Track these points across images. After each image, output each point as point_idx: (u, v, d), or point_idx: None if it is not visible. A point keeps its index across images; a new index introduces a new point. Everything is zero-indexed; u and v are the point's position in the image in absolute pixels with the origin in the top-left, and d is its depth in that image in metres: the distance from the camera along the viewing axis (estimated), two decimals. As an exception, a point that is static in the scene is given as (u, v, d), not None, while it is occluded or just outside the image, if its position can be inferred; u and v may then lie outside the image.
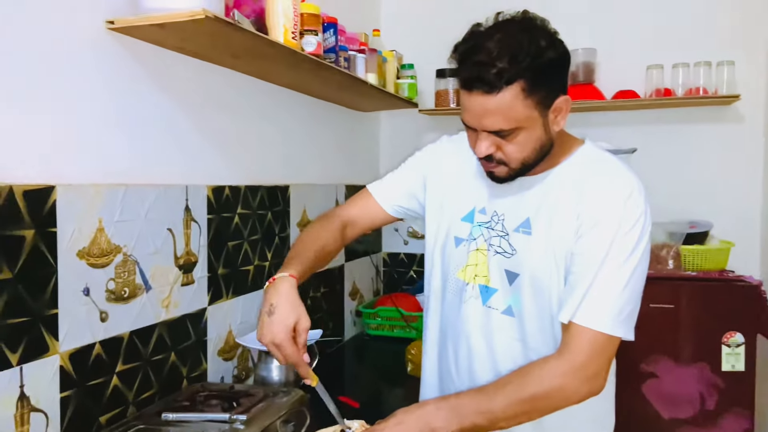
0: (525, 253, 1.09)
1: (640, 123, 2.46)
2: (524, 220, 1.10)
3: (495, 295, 1.13)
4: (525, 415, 1.02)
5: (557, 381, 1.01)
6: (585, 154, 1.11)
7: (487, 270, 1.13)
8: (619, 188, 1.04)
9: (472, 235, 1.16)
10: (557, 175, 1.10)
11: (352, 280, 2.52)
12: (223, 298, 1.67)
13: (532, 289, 1.08)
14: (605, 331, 1.00)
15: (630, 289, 1.02)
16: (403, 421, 1.02)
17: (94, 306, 1.24)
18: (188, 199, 1.52)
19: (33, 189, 1.11)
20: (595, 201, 1.03)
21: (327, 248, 1.22)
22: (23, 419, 1.09)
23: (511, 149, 1.03)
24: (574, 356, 1.01)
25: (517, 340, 1.11)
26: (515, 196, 1.12)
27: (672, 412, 2.01)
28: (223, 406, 1.33)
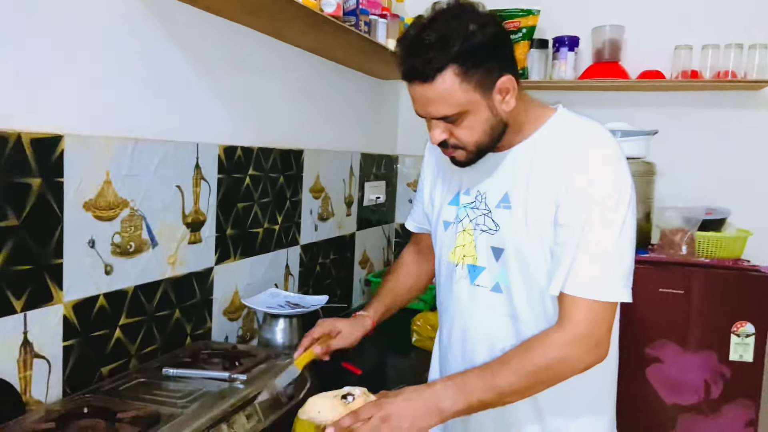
0: (507, 227, 1.09)
1: (663, 105, 2.39)
2: (503, 195, 1.10)
3: (482, 273, 1.13)
4: (531, 388, 1.01)
5: (560, 352, 1.00)
6: (558, 121, 1.10)
7: (474, 249, 1.14)
8: (592, 149, 1.03)
9: (458, 217, 1.18)
10: (530, 145, 1.09)
11: (363, 248, 2.52)
12: (230, 258, 1.67)
13: (518, 263, 1.08)
14: (599, 298, 0.99)
15: (618, 251, 1.00)
16: (410, 399, 1.01)
17: (99, 258, 1.25)
18: (199, 158, 1.51)
19: (41, 137, 1.11)
20: (568, 166, 1.02)
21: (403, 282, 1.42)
22: (26, 365, 1.11)
23: (462, 134, 1.04)
24: (574, 327, 1.00)
25: (507, 316, 1.10)
26: (493, 174, 1.13)
27: (675, 399, 1.99)
28: (224, 365, 1.34)
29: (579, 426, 1.11)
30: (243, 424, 1.16)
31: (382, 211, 2.69)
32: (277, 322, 1.68)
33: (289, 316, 1.68)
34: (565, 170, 1.02)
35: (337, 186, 2.26)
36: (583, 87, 2.31)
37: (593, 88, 2.34)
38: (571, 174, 1.02)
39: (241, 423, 1.16)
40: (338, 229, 2.30)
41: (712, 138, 2.35)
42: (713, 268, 1.98)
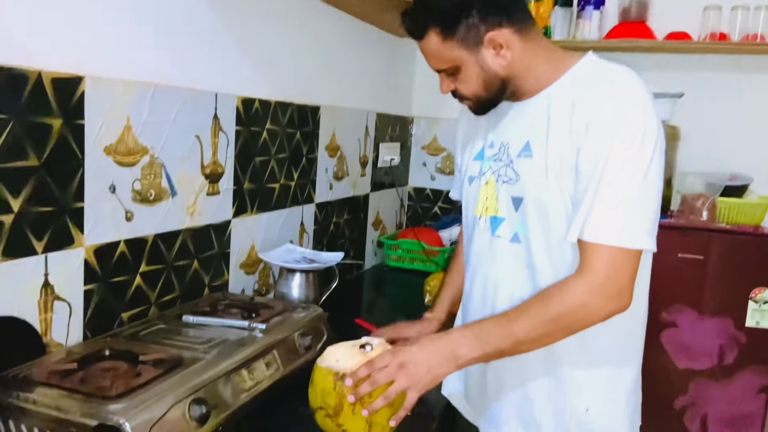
0: (527, 176, 1.07)
1: (689, 68, 2.34)
2: (525, 144, 1.07)
3: (503, 224, 1.12)
4: (549, 336, 1.00)
5: (579, 299, 0.98)
6: (583, 67, 1.06)
7: (496, 201, 1.13)
8: (616, 91, 0.98)
9: (482, 170, 1.17)
10: (553, 92, 1.06)
11: (377, 210, 2.51)
12: (247, 212, 1.66)
13: (537, 212, 1.05)
14: (619, 244, 0.95)
15: (642, 195, 0.96)
16: (426, 346, 1.01)
17: (119, 204, 1.24)
18: (217, 108, 1.49)
19: (62, 77, 1.09)
20: (590, 107, 0.98)
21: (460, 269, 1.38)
22: (47, 306, 1.11)
23: (460, 87, 1.09)
24: (593, 274, 0.97)
25: (525, 267, 1.09)
26: (516, 123, 1.11)
27: (687, 363, 2.00)
28: (242, 315, 1.35)
29: (600, 377, 1.10)
30: (263, 370, 1.17)
31: (396, 173, 2.67)
32: (294, 277, 1.68)
33: (306, 271, 1.67)
34: (586, 112, 0.98)
35: (352, 145, 2.23)
36: (608, 48, 2.25)
37: (618, 48, 2.28)
38: (593, 115, 0.97)
39: (261, 370, 1.17)
40: (352, 189, 2.28)
41: (737, 103, 2.30)
42: (733, 234, 1.96)
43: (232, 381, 1.08)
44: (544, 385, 1.10)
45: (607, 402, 1.10)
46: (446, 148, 2.75)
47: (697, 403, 1.99)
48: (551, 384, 1.10)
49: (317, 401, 1.04)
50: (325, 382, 1.03)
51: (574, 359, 1.08)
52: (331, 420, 1.02)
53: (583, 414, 1.08)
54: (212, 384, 1.03)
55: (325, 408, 1.02)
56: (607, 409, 1.10)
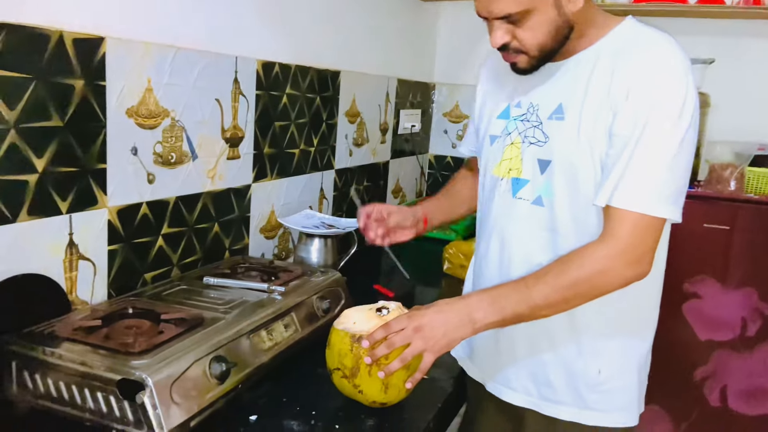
0: (557, 138, 1.04)
1: (721, 34, 2.26)
2: (557, 106, 1.04)
3: (526, 186, 1.09)
4: (566, 302, 1.00)
5: (599, 264, 0.97)
6: (624, 30, 1.03)
7: (520, 162, 1.10)
8: (656, 59, 0.96)
9: (507, 130, 1.13)
10: (591, 54, 1.03)
11: (396, 177, 2.50)
12: (267, 177, 1.67)
13: (564, 176, 1.03)
14: (647, 212, 0.95)
15: (674, 167, 0.95)
16: (443, 310, 1.01)
17: (141, 166, 1.25)
18: (237, 72, 1.49)
19: (83, 38, 1.09)
20: (630, 74, 0.96)
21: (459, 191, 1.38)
22: (72, 265, 1.14)
23: (525, 35, 0.99)
24: (615, 240, 0.96)
25: (546, 230, 1.07)
26: (548, 84, 1.07)
27: (709, 335, 1.98)
28: (262, 278, 1.36)
29: (616, 348, 1.10)
30: (281, 332, 1.18)
31: (416, 140, 2.65)
32: (313, 242, 1.69)
33: (325, 236, 1.68)
34: (627, 77, 0.96)
35: (372, 112, 2.22)
36: (639, 12, 2.18)
37: (649, 13, 2.21)
38: (634, 81, 0.96)
39: (280, 331, 1.18)
40: (372, 155, 2.27)
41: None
42: (761, 205, 1.92)
43: (252, 341, 1.10)
44: (559, 349, 1.10)
45: (620, 366, 1.11)
46: (468, 115, 2.72)
47: (717, 374, 1.98)
48: (566, 347, 1.10)
49: (334, 362, 1.05)
50: (341, 343, 1.04)
51: (591, 325, 1.07)
52: (347, 381, 1.03)
53: (595, 375, 1.08)
54: (232, 343, 1.05)
55: (341, 369, 1.04)
56: (619, 372, 1.10)
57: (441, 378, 1.23)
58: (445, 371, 1.25)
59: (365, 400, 1.05)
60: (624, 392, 1.11)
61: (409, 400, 1.09)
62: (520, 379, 1.14)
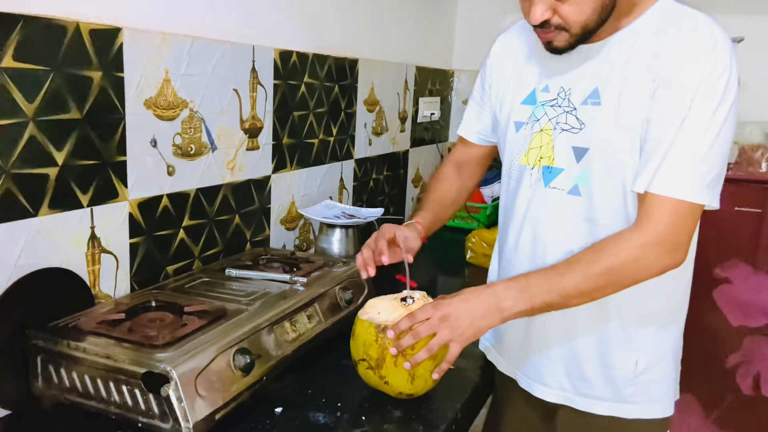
0: (594, 125, 0.99)
1: (752, 11, 2.19)
2: (593, 91, 1.00)
3: (560, 175, 1.04)
4: (599, 290, 0.96)
5: (634, 252, 0.93)
6: (661, 10, 0.98)
7: (552, 150, 1.05)
8: (699, 40, 0.91)
9: (535, 116, 1.08)
10: (627, 35, 0.98)
11: (416, 166, 2.47)
12: (287, 168, 1.65)
13: (603, 163, 0.99)
14: (687, 198, 0.91)
15: (715, 152, 0.91)
16: (469, 299, 0.98)
17: (161, 158, 1.24)
18: (255, 61, 1.47)
19: (100, 28, 1.08)
20: (672, 56, 0.92)
21: (447, 194, 1.30)
22: (94, 259, 1.13)
23: (568, 11, 0.93)
24: (652, 227, 0.92)
25: (584, 221, 1.03)
26: (581, 67, 1.02)
27: (741, 320, 1.93)
28: (284, 269, 1.35)
29: (651, 337, 1.06)
30: (305, 323, 1.17)
31: (436, 128, 2.61)
32: (334, 232, 1.67)
33: (346, 226, 1.67)
34: (669, 59, 0.92)
35: (391, 100, 2.19)
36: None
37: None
38: (677, 64, 0.91)
39: (303, 322, 1.17)
40: (392, 145, 2.25)
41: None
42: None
43: (275, 332, 1.09)
44: (593, 340, 1.07)
45: (656, 355, 1.07)
46: (488, 102, 2.67)
47: (750, 360, 1.93)
48: (600, 338, 1.06)
49: (359, 353, 1.04)
50: (366, 334, 1.02)
51: (626, 314, 1.04)
52: (373, 372, 1.02)
53: (632, 368, 1.05)
54: (256, 335, 1.04)
55: (367, 360, 1.02)
56: (655, 362, 1.07)
57: (468, 368, 1.21)
58: (472, 361, 1.23)
59: (391, 391, 1.03)
60: (661, 383, 1.08)
61: (435, 391, 1.07)
62: (553, 374, 1.11)
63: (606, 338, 1.06)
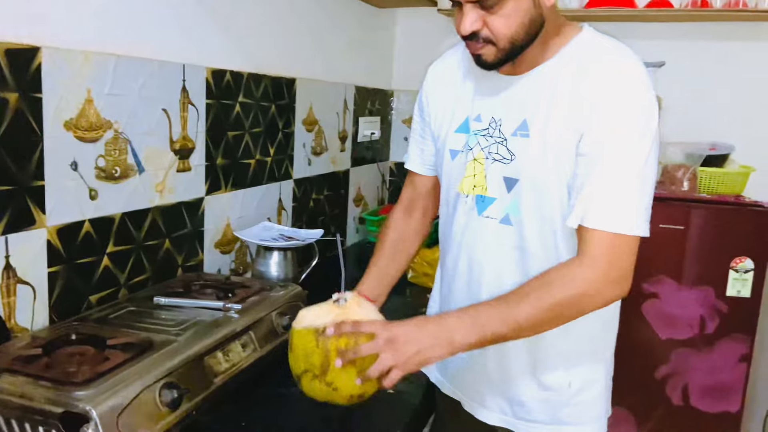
0: (523, 157, 1.01)
1: (671, 37, 2.31)
2: (521, 123, 1.01)
3: (492, 204, 1.06)
4: (549, 322, 0.96)
5: (582, 288, 0.94)
6: (584, 41, 1.01)
7: (485, 179, 1.06)
8: (622, 75, 0.94)
9: (468, 145, 1.08)
10: (553, 67, 1.00)
11: (357, 186, 2.47)
12: (221, 189, 1.61)
13: (532, 194, 1.01)
14: (622, 231, 0.93)
15: (641, 182, 0.94)
16: (420, 327, 0.97)
17: (82, 182, 1.18)
18: (185, 80, 1.43)
19: (16, 48, 1.02)
20: (595, 92, 0.94)
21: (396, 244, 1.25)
22: (9, 290, 1.06)
23: (497, 24, 0.94)
24: (596, 262, 0.94)
25: (515, 249, 1.05)
26: (510, 98, 1.04)
27: (669, 334, 2.00)
28: (217, 295, 1.31)
29: (582, 357, 1.08)
30: (239, 352, 1.13)
31: (376, 147, 2.62)
32: (272, 255, 1.64)
33: (284, 249, 1.63)
34: (591, 96, 0.94)
35: (330, 119, 2.18)
36: (589, 17, 2.21)
37: (599, 18, 2.24)
38: (598, 100, 0.94)
39: (237, 351, 1.13)
40: (332, 164, 2.23)
41: (718, 72, 2.27)
42: (714, 204, 1.95)
43: (206, 363, 1.05)
44: (527, 362, 1.08)
45: (588, 375, 1.09)
46: (426, 121, 2.70)
47: (678, 372, 2.00)
48: (535, 361, 1.08)
49: (300, 366, 0.99)
50: (305, 342, 0.97)
51: (557, 335, 1.05)
52: (318, 381, 0.97)
53: (566, 389, 1.07)
54: (184, 367, 0.99)
55: (310, 370, 0.97)
56: (589, 382, 1.09)
57: (409, 391, 1.20)
58: (413, 386, 1.22)
59: (341, 397, 0.98)
60: (595, 402, 1.10)
61: (375, 416, 1.06)
62: (494, 398, 1.12)
63: (540, 360, 1.07)
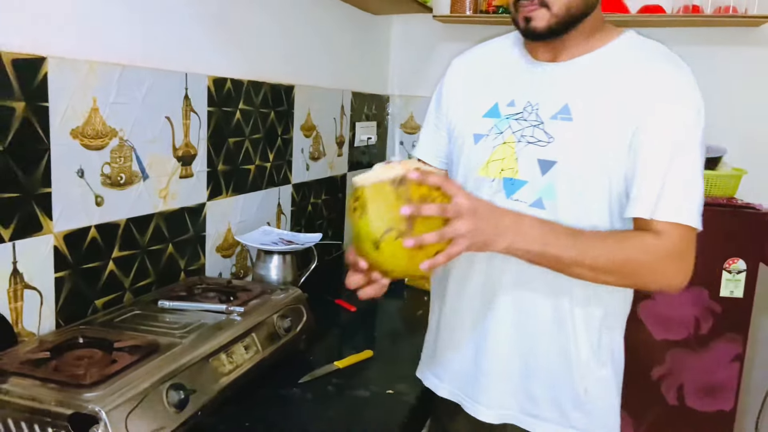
0: (564, 140, 1.01)
1: (663, 42, 2.33)
2: (562, 107, 1.02)
3: (523, 187, 1.03)
4: (610, 275, 0.96)
5: (659, 258, 0.95)
6: (632, 39, 1.05)
7: (516, 162, 1.04)
8: (681, 73, 0.99)
9: (498, 129, 1.07)
10: (598, 58, 1.03)
11: (354, 190, 2.49)
12: (222, 194, 1.63)
13: (570, 178, 1.00)
14: (692, 224, 0.95)
15: (701, 177, 0.97)
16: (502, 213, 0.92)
17: (88, 189, 1.20)
18: (188, 88, 1.45)
19: (23, 58, 1.04)
20: (652, 88, 0.97)
21: None
22: (17, 295, 1.08)
23: None
24: (672, 244, 0.95)
25: None
26: (550, 83, 1.04)
27: (664, 334, 2.03)
28: (220, 299, 1.33)
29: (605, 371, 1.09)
30: (242, 354, 1.16)
31: (373, 152, 2.64)
32: (272, 259, 1.66)
33: (284, 252, 1.66)
34: (649, 92, 0.97)
35: (328, 125, 2.21)
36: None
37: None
38: (658, 97, 0.97)
39: (240, 353, 1.15)
40: (330, 169, 2.26)
41: (709, 75, 2.29)
42: (707, 206, 1.97)
43: (211, 365, 1.07)
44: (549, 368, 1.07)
45: (605, 387, 1.09)
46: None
47: (673, 372, 2.03)
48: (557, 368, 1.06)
49: (380, 226, 0.83)
50: (384, 195, 0.84)
51: (583, 338, 1.05)
52: (402, 240, 0.84)
53: (582, 394, 1.07)
54: (190, 369, 1.02)
55: (394, 227, 0.83)
56: (605, 393, 1.09)
57: (404, 392, 1.22)
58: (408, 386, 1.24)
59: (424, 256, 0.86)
60: (608, 411, 1.10)
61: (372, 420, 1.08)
62: (504, 396, 1.10)
63: (563, 368, 1.07)
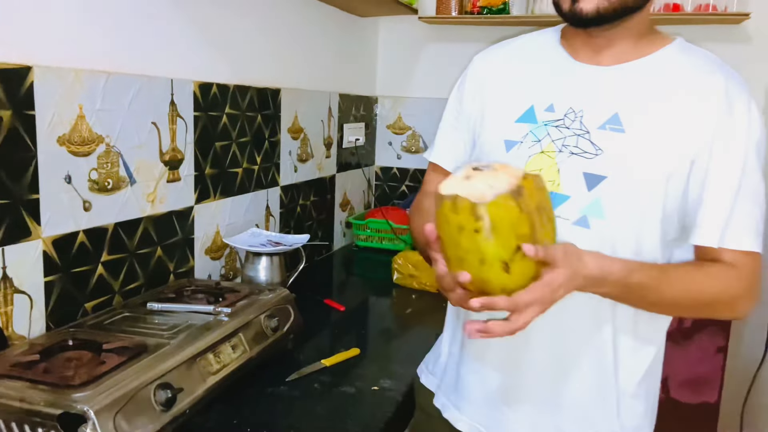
0: (615, 152, 0.92)
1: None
2: (612, 116, 0.93)
3: (565, 203, 0.93)
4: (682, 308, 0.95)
5: (730, 291, 0.92)
6: (684, 46, 0.97)
7: (557, 174, 0.94)
8: (743, 88, 0.94)
9: (535, 136, 0.97)
10: (653, 64, 0.94)
11: (344, 191, 2.52)
12: (210, 198, 1.66)
13: (621, 196, 0.91)
14: (759, 250, 0.92)
15: (764, 199, 0.94)
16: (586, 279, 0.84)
17: (76, 194, 1.23)
18: (173, 94, 1.48)
19: (8, 68, 1.07)
20: (724, 103, 0.91)
21: None
22: (6, 300, 1.10)
23: None
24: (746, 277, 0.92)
25: None
26: (595, 88, 0.95)
27: (649, 328, 2.06)
28: (208, 300, 1.35)
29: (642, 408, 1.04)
30: (229, 353, 1.18)
31: (362, 153, 2.67)
32: (260, 261, 1.68)
33: (272, 254, 1.68)
34: (712, 108, 0.91)
35: (315, 127, 2.23)
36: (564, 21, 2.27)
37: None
38: (724, 114, 0.91)
39: (227, 353, 1.18)
40: (318, 170, 2.28)
41: (691, 74, 2.34)
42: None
43: (198, 365, 1.10)
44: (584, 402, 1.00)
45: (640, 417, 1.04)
46: (411, 126, 2.76)
47: (658, 365, 2.07)
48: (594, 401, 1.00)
49: (511, 244, 0.76)
50: (509, 212, 0.75)
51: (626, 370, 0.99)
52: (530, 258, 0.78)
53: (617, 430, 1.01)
54: (177, 368, 1.04)
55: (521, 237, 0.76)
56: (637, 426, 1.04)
57: (390, 388, 1.25)
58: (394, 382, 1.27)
59: None
60: None
61: (358, 412, 1.10)
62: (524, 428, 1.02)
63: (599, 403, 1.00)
